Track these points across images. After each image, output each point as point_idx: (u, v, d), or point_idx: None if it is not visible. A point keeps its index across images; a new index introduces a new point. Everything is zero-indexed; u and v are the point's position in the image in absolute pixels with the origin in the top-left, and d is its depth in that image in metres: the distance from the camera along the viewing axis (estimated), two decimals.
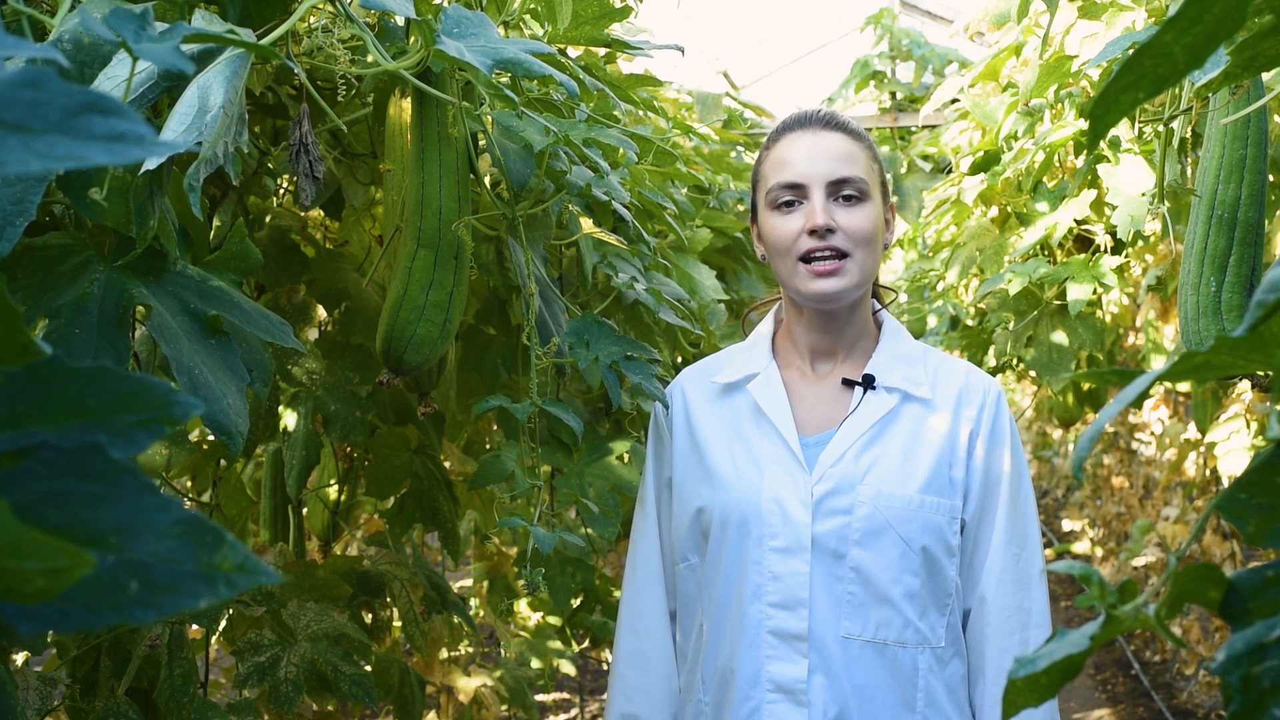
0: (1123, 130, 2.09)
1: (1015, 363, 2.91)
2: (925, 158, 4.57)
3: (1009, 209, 2.70)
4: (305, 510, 2.15)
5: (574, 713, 4.96)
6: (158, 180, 0.96)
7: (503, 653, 3.47)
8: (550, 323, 1.58)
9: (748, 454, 1.54)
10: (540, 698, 4.88)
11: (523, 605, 3.58)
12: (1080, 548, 6.96)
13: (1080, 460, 0.54)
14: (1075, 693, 5.49)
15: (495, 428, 2.16)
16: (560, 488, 1.61)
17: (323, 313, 1.84)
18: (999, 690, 1.48)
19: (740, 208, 2.80)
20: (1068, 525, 7.62)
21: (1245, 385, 2.83)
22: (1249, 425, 2.98)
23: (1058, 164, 2.49)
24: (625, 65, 2.27)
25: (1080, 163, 2.39)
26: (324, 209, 1.74)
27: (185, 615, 1.50)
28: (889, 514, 1.46)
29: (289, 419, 1.76)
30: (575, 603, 2.81)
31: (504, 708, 3.13)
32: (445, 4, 1.29)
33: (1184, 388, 4.12)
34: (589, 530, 1.72)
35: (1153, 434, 5.31)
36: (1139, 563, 4.80)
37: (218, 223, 1.53)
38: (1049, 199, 2.46)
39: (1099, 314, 2.70)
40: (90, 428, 0.41)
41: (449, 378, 1.83)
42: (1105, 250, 2.40)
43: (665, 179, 2.09)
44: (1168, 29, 0.49)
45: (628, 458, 1.66)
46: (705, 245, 2.47)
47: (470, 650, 3.32)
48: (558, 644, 3.61)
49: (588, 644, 3.66)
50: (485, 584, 3.24)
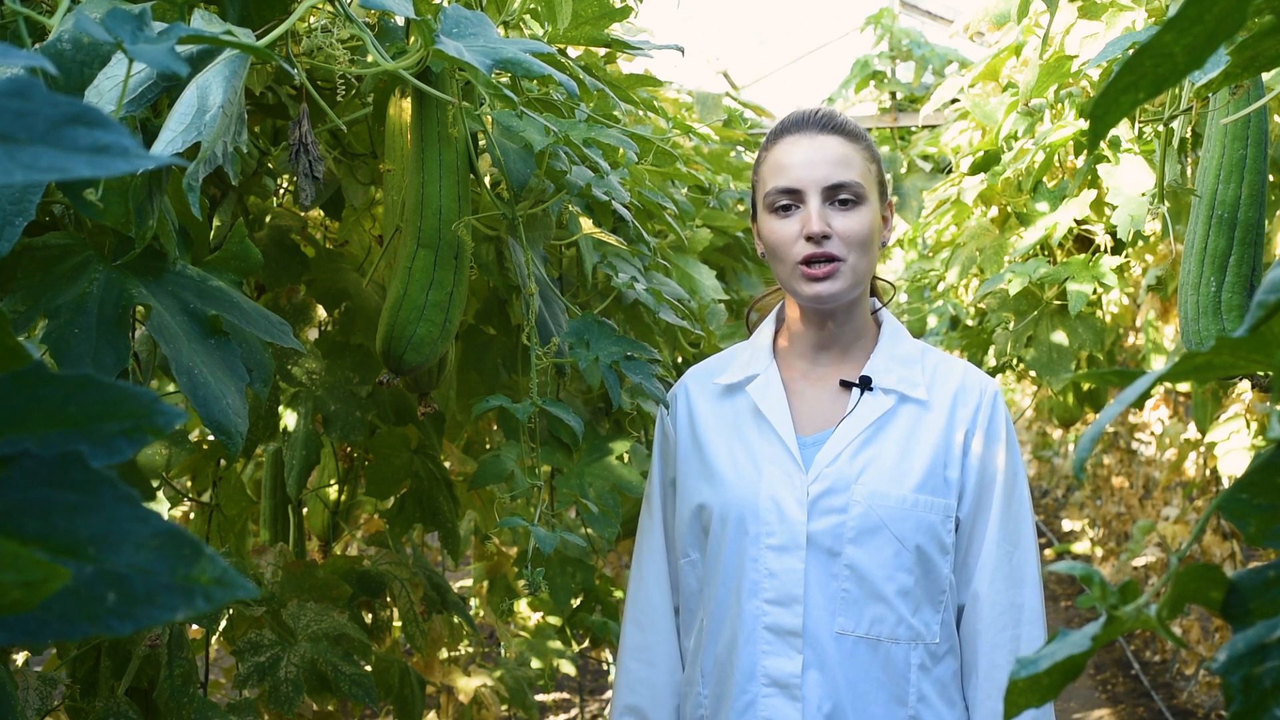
0: (1123, 130, 2.09)
1: (1015, 363, 2.91)
2: (925, 158, 4.57)
3: (1009, 209, 2.70)
4: (305, 510, 2.15)
5: (574, 713, 4.95)
6: (157, 180, 0.96)
7: (503, 653, 3.47)
8: (550, 323, 1.58)
9: (747, 454, 1.56)
10: (540, 698, 4.88)
11: (523, 605, 3.58)
12: (1080, 548, 6.96)
13: (1081, 460, 0.54)
14: (1075, 693, 5.49)
15: (495, 428, 2.16)
16: (560, 488, 1.61)
17: (323, 313, 1.84)
18: (991, 685, 1.51)
19: (740, 207, 2.79)
20: (1068, 525, 7.62)
21: (1245, 385, 2.83)
22: (1249, 425, 2.98)
23: (1058, 164, 2.49)
24: (625, 65, 2.26)
25: (1080, 163, 2.38)
26: (324, 209, 1.74)
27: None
28: (883, 513, 1.48)
29: (289, 419, 1.76)
30: (575, 603, 2.80)
31: (504, 708, 3.13)
32: (445, 4, 1.29)
33: (1184, 388, 4.12)
34: (589, 530, 1.72)
35: (1153, 434, 5.31)
36: (1139, 563, 4.80)
37: (218, 223, 1.53)
38: (1049, 199, 2.46)
39: (1099, 314, 2.70)
40: (71, 436, 0.40)
41: (449, 378, 1.83)
42: (1105, 250, 2.40)
43: (665, 179, 2.08)
44: (1168, 29, 0.49)
45: (628, 458, 1.66)
46: (705, 245, 2.47)
47: (470, 650, 3.32)
48: (558, 644, 3.61)
49: (588, 644, 3.66)
50: (485, 584, 3.24)
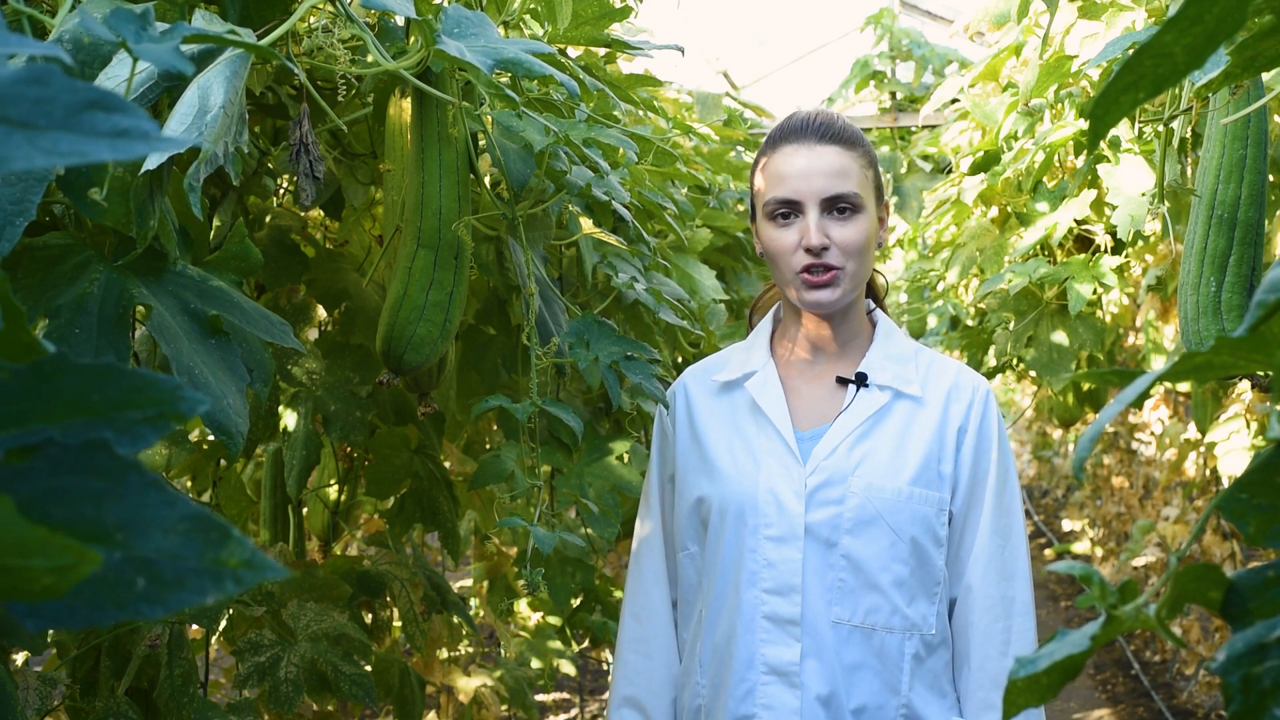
0: (1123, 130, 2.09)
1: (1015, 363, 2.91)
2: (925, 158, 4.57)
3: (1009, 209, 2.70)
4: (305, 510, 2.15)
5: (574, 713, 4.96)
6: (158, 180, 0.96)
7: (503, 653, 3.47)
8: (550, 323, 1.58)
9: (746, 448, 1.59)
10: (540, 698, 4.88)
11: (523, 605, 3.58)
12: (1080, 548, 6.96)
13: (1081, 460, 0.54)
14: (1075, 693, 5.49)
15: (495, 428, 2.16)
16: (560, 488, 1.61)
17: (323, 313, 1.84)
18: (983, 676, 1.55)
19: (740, 207, 2.80)
20: (1068, 525, 7.62)
21: (1245, 385, 2.83)
22: (1249, 425, 2.98)
23: (1058, 164, 2.49)
24: (625, 65, 2.27)
25: (1080, 163, 2.38)
26: (324, 209, 1.74)
27: (186, 614, 1.50)
28: (879, 505, 1.52)
29: (289, 419, 1.76)
30: (575, 603, 2.81)
31: (504, 708, 3.13)
32: (445, 4, 1.29)
33: (1184, 388, 4.12)
34: (589, 530, 1.73)
35: (1153, 434, 5.31)
36: (1139, 563, 4.80)
37: (218, 223, 1.53)
38: (1049, 199, 2.46)
39: (1099, 314, 2.70)
40: (95, 424, 0.40)
41: (449, 378, 1.83)
42: (1105, 250, 2.40)
43: (665, 179, 2.09)
44: (1168, 29, 0.49)
45: (628, 458, 1.67)
46: (705, 245, 2.47)
47: (470, 650, 3.32)
48: (558, 644, 3.61)
49: (588, 644, 3.66)
50: (485, 584, 3.24)
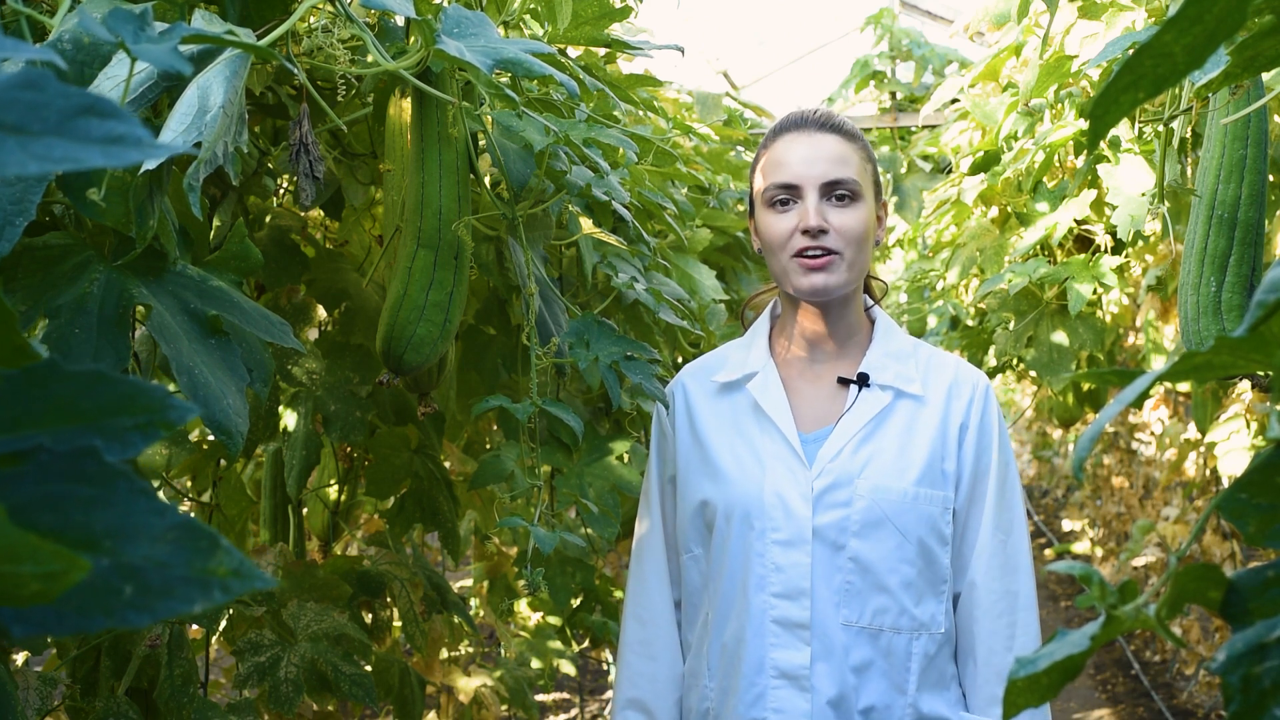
0: (1123, 130, 2.09)
1: (1015, 363, 2.91)
2: (925, 158, 4.57)
3: (1009, 209, 2.70)
4: (305, 510, 2.15)
5: (574, 713, 4.95)
6: (157, 180, 0.96)
7: (503, 653, 3.47)
8: (550, 323, 1.58)
9: (749, 450, 1.59)
10: (540, 698, 4.88)
11: (523, 605, 3.58)
12: (1080, 548, 6.96)
13: (1080, 460, 0.54)
14: (1075, 693, 5.49)
15: (495, 428, 2.16)
16: (560, 488, 1.61)
17: (323, 313, 1.84)
18: (989, 671, 1.55)
19: (740, 208, 2.79)
20: (1068, 525, 7.62)
21: (1245, 385, 2.83)
22: (1249, 425, 2.98)
23: (1058, 164, 2.49)
24: (625, 65, 2.26)
25: (1080, 163, 2.38)
26: (324, 209, 1.74)
27: (185, 616, 1.50)
28: (886, 506, 1.52)
29: (289, 419, 1.76)
30: (575, 603, 2.80)
31: (504, 708, 3.13)
32: (445, 4, 1.29)
33: (1184, 388, 4.12)
34: (589, 530, 1.72)
35: (1153, 434, 5.31)
36: (1139, 563, 4.80)
37: (218, 223, 1.53)
38: (1049, 199, 2.46)
39: (1099, 314, 2.70)
40: (85, 431, 0.40)
41: (449, 378, 1.83)
42: (1105, 250, 2.40)
43: (665, 179, 2.09)
44: (1168, 29, 0.49)
45: (628, 458, 1.67)
46: (705, 245, 2.47)
47: (470, 650, 3.32)
48: (558, 644, 3.61)
49: (588, 644, 3.66)
50: (485, 584, 3.24)
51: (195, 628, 2.08)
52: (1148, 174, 2.03)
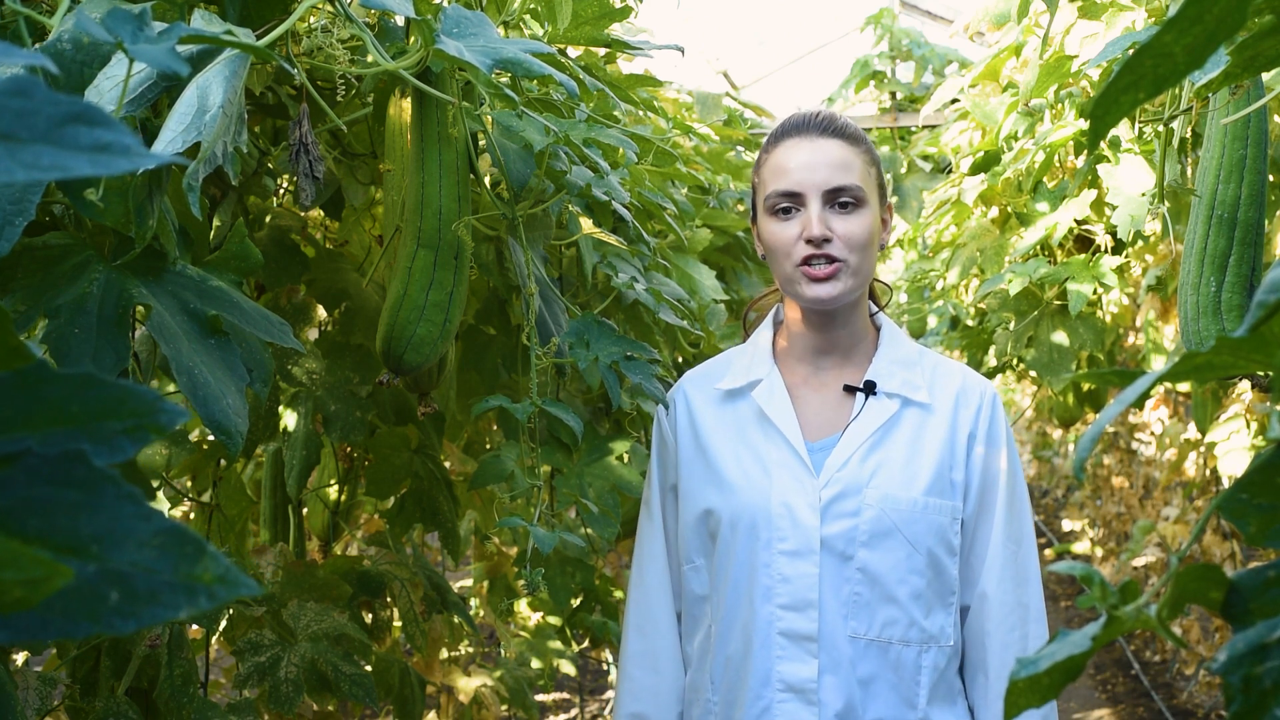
0: (1123, 130, 2.09)
1: (1015, 363, 2.91)
2: (925, 158, 4.57)
3: (1009, 209, 2.70)
4: (305, 510, 2.15)
5: (574, 713, 4.95)
6: (157, 180, 0.96)
7: (503, 653, 3.47)
8: (550, 323, 1.58)
9: (755, 459, 1.56)
10: (540, 698, 4.88)
11: (523, 605, 3.58)
12: (1080, 548, 6.95)
13: (1081, 460, 0.54)
14: (1075, 693, 5.49)
15: (495, 428, 2.16)
16: (560, 488, 1.61)
17: (323, 313, 1.84)
18: (1002, 685, 1.51)
19: (740, 208, 2.79)
20: (1068, 525, 7.62)
21: (1245, 385, 2.83)
22: (1249, 425, 2.98)
23: (1058, 164, 2.49)
24: (625, 65, 2.26)
25: (1080, 163, 2.38)
26: (324, 209, 1.74)
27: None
28: (895, 516, 1.49)
29: (289, 419, 1.76)
30: (575, 603, 2.80)
31: (504, 708, 3.13)
32: (445, 4, 1.29)
33: (1184, 388, 4.12)
34: (589, 530, 1.72)
35: (1153, 434, 5.31)
36: (1139, 563, 4.80)
37: (218, 223, 1.53)
38: (1049, 199, 2.46)
39: (1099, 314, 2.70)
40: (74, 434, 0.40)
41: (449, 378, 1.83)
42: (1105, 250, 2.40)
43: (665, 179, 2.08)
44: (1168, 29, 0.49)
45: (628, 458, 1.66)
46: (705, 245, 2.47)
47: (470, 650, 3.32)
48: (558, 644, 3.61)
49: (588, 644, 3.66)
50: (485, 584, 3.24)
51: (195, 628, 2.08)
52: (1148, 174, 2.03)
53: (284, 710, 1.54)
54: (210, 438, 1.88)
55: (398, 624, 2.20)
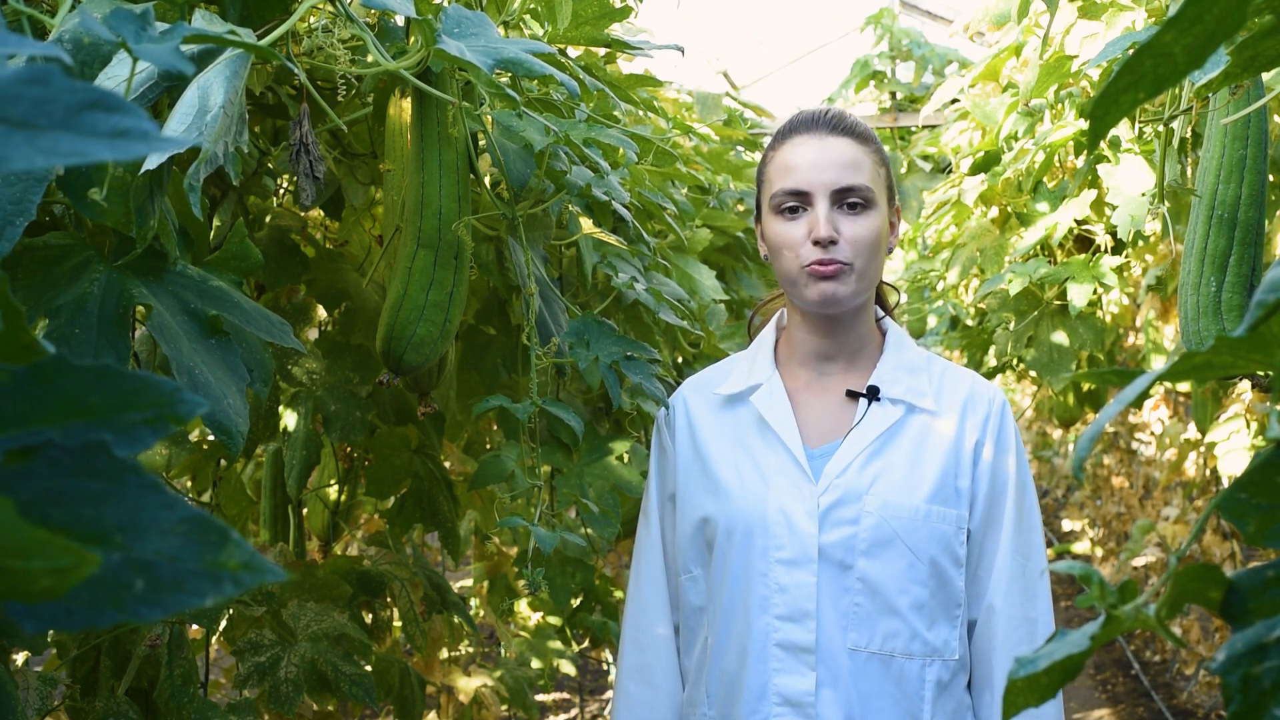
0: (1123, 130, 2.09)
1: (1015, 363, 2.91)
2: (925, 158, 4.57)
3: (1009, 209, 2.70)
4: (305, 510, 2.15)
5: (574, 713, 4.96)
6: (158, 180, 0.96)
7: (503, 653, 3.47)
8: (550, 323, 1.58)
9: (753, 465, 1.52)
10: (540, 698, 4.88)
11: (523, 605, 3.58)
12: (1080, 548, 6.96)
13: (1080, 460, 0.54)
14: (1075, 693, 5.49)
15: (495, 428, 2.16)
16: (560, 488, 1.61)
17: (323, 313, 1.84)
18: None
19: (740, 207, 2.79)
20: (1068, 525, 7.62)
21: (1245, 385, 2.83)
22: (1249, 425, 2.98)
23: (1058, 164, 2.49)
24: (625, 65, 2.27)
25: (1080, 163, 2.39)
26: (324, 209, 1.74)
27: (186, 615, 1.50)
28: (896, 524, 1.45)
29: (289, 419, 1.76)
30: (575, 603, 2.80)
31: (504, 708, 3.13)
32: (445, 4, 1.29)
33: (1184, 388, 4.12)
34: (589, 530, 1.72)
35: (1153, 434, 5.31)
36: (1139, 563, 4.80)
37: (218, 223, 1.53)
38: (1049, 199, 2.46)
39: (1099, 314, 2.70)
40: (94, 426, 0.40)
41: (449, 378, 1.83)
42: (1105, 250, 2.40)
43: (665, 179, 2.09)
44: (1168, 29, 0.49)
45: (628, 458, 1.66)
46: (705, 245, 2.47)
47: (470, 650, 3.32)
48: (558, 644, 3.61)
49: (588, 644, 3.66)
50: (485, 584, 3.24)
51: (195, 628, 2.08)
52: (1148, 174, 2.03)
53: (284, 710, 1.54)
54: (210, 438, 1.88)
55: (398, 624, 2.20)
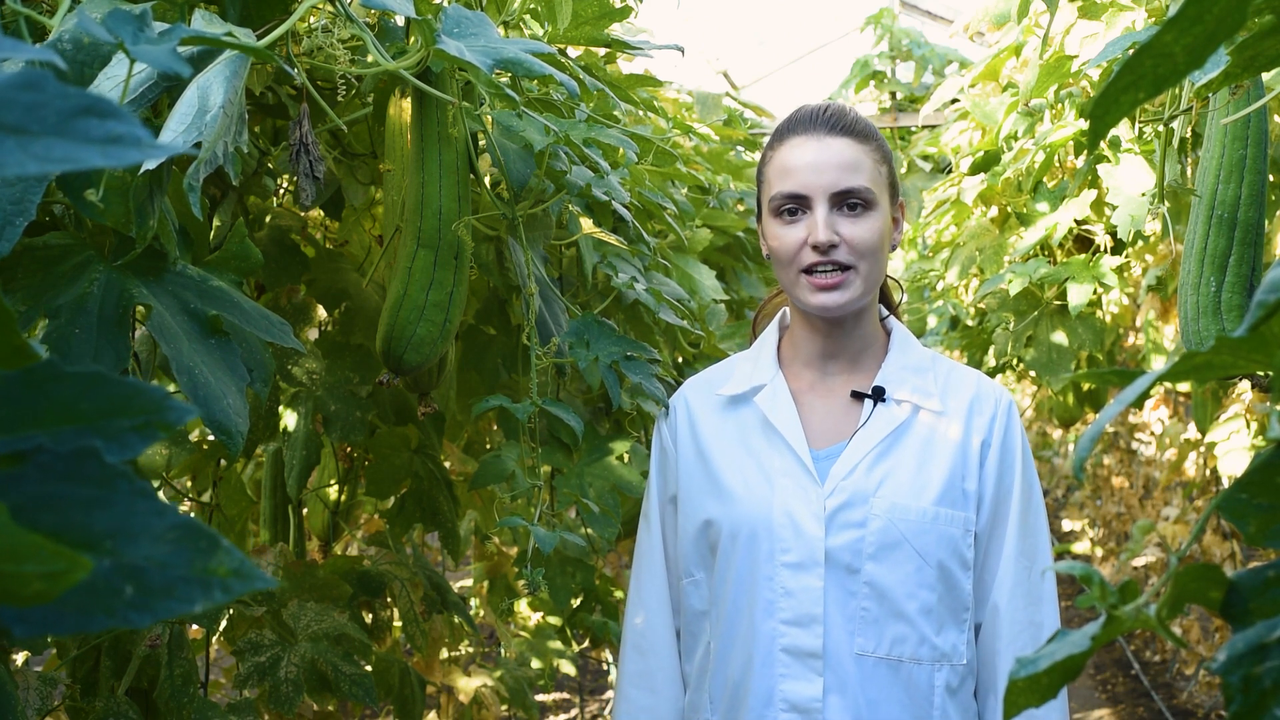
0: (1123, 130, 2.09)
1: (1015, 363, 2.91)
2: (925, 158, 4.57)
3: (1009, 209, 2.70)
4: (305, 510, 2.15)
5: (574, 713, 4.96)
6: (157, 180, 0.96)
7: (503, 653, 3.47)
8: (550, 323, 1.58)
9: (757, 467, 1.50)
10: (540, 698, 4.88)
11: (523, 605, 3.58)
12: (1080, 548, 6.96)
13: (1081, 461, 0.54)
14: (1075, 693, 5.49)
15: (495, 428, 2.16)
16: (560, 488, 1.61)
17: (323, 313, 1.84)
18: None
19: (740, 207, 2.79)
20: (1068, 525, 7.62)
21: (1245, 385, 2.83)
22: (1249, 425, 2.98)
23: (1058, 164, 2.49)
24: (625, 65, 2.27)
25: (1080, 163, 2.39)
26: (324, 209, 1.74)
27: (185, 616, 1.50)
28: (904, 527, 1.43)
29: (289, 419, 1.76)
30: (575, 603, 2.80)
31: (504, 708, 3.13)
32: (445, 4, 1.29)
33: (1184, 388, 4.12)
34: (589, 530, 1.72)
35: (1153, 434, 5.31)
36: (1139, 563, 4.80)
37: (218, 223, 1.53)
38: (1049, 199, 2.46)
39: (1099, 314, 2.70)
40: (85, 432, 0.40)
41: (449, 378, 1.83)
42: (1105, 250, 2.40)
43: (665, 179, 2.09)
44: (1168, 29, 0.49)
45: (628, 458, 1.66)
46: (705, 245, 2.47)
47: (470, 650, 3.32)
48: (558, 644, 3.61)
49: (588, 644, 3.66)
50: (485, 584, 3.24)
51: (195, 628, 2.08)
52: (1148, 174, 2.03)
53: (284, 710, 1.54)
54: (210, 438, 1.88)
55: (398, 624, 2.20)
